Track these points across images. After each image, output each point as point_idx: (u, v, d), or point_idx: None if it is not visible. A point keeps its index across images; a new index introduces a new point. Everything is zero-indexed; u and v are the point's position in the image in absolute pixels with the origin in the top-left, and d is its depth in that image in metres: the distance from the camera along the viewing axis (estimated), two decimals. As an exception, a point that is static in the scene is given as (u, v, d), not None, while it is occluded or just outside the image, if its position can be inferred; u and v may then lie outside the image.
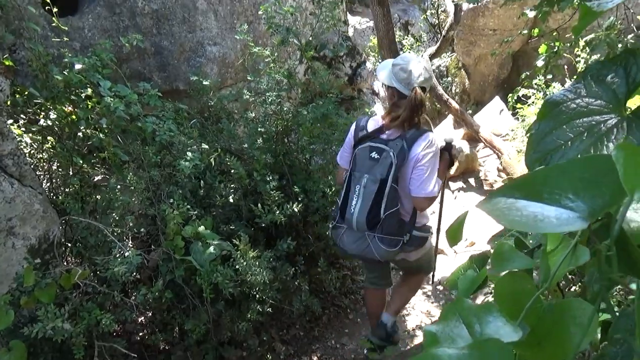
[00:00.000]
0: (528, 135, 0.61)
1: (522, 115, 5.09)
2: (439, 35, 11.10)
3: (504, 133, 6.52)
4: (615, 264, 0.40)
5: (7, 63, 2.67)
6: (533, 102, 4.90)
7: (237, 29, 4.85)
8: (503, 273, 0.60)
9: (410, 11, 12.01)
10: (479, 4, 6.36)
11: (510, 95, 5.05)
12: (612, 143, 0.55)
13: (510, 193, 0.38)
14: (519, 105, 5.17)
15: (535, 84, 5.53)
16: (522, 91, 5.42)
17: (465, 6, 6.93)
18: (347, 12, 7.70)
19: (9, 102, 2.49)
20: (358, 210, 2.35)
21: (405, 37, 10.61)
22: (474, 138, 6.66)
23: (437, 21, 11.53)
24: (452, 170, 5.99)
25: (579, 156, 0.56)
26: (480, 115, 7.33)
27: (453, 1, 5.49)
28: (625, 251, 0.41)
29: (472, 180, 5.94)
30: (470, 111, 8.49)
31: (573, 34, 0.67)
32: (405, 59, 2.41)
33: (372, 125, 2.42)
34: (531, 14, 2.62)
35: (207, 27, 4.62)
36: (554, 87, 5.44)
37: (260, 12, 2.92)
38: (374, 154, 2.33)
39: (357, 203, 2.35)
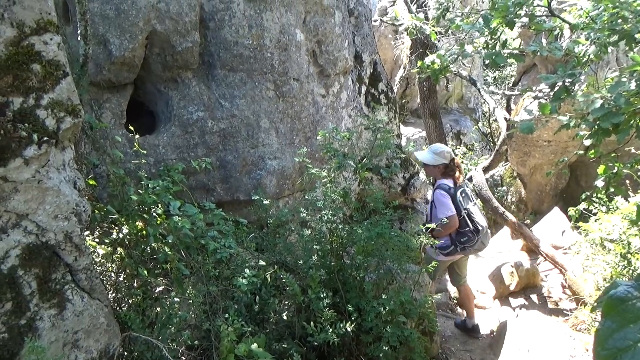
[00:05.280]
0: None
1: (585, 230, 4.89)
2: (491, 143, 11.24)
3: (566, 246, 6.23)
4: None
5: (91, 183, 2.97)
6: (597, 219, 4.74)
7: (296, 144, 5.18)
8: None
9: (462, 122, 12.34)
10: (533, 117, 6.46)
11: (572, 210, 4.94)
12: (684, 351, 0.54)
13: None
14: (581, 223, 5.00)
15: (598, 197, 5.38)
16: (584, 205, 5.26)
17: (518, 119, 7.05)
18: (401, 124, 8.04)
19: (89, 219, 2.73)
20: (484, 221, 4.13)
21: (458, 146, 10.81)
22: (533, 250, 6.40)
23: (489, 130, 11.76)
24: (513, 286, 5.69)
25: (650, 361, 0.56)
26: (539, 227, 7.08)
27: (505, 118, 5.61)
28: None
29: (534, 297, 5.58)
30: (528, 221, 8.23)
31: (631, 224, 0.70)
32: (440, 147, 4.32)
33: (451, 184, 4.13)
34: (587, 142, 2.65)
35: (269, 143, 4.95)
36: (617, 201, 5.26)
37: (319, 138, 3.13)
38: (464, 194, 4.12)
39: (481, 218, 4.11)
